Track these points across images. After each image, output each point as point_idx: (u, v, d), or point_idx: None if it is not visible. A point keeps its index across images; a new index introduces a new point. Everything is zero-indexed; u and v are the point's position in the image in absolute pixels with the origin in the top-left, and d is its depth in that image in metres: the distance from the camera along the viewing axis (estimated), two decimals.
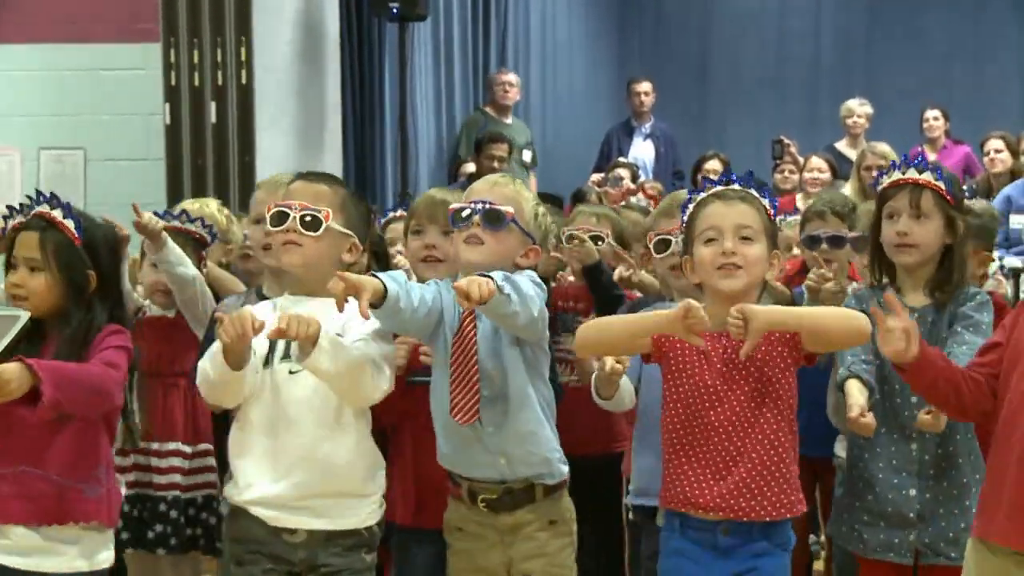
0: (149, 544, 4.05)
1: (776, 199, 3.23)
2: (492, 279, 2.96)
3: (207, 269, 4.20)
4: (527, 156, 9.48)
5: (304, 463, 3.17)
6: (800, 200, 7.60)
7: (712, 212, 3.10)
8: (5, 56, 7.19)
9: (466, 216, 3.24)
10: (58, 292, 3.19)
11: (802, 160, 8.66)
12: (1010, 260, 6.74)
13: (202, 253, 4.20)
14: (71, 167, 7.12)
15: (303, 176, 3.39)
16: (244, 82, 6.88)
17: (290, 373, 3.20)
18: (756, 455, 2.99)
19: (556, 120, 11.97)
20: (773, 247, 3.12)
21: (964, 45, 13.05)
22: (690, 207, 3.17)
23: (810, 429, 3.34)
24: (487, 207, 3.23)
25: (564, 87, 12.44)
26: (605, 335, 3.11)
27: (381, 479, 3.31)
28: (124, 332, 3.26)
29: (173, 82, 6.88)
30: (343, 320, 3.18)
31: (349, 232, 3.28)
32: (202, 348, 3.46)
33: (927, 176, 3.39)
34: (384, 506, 3.32)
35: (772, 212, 3.16)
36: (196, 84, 6.88)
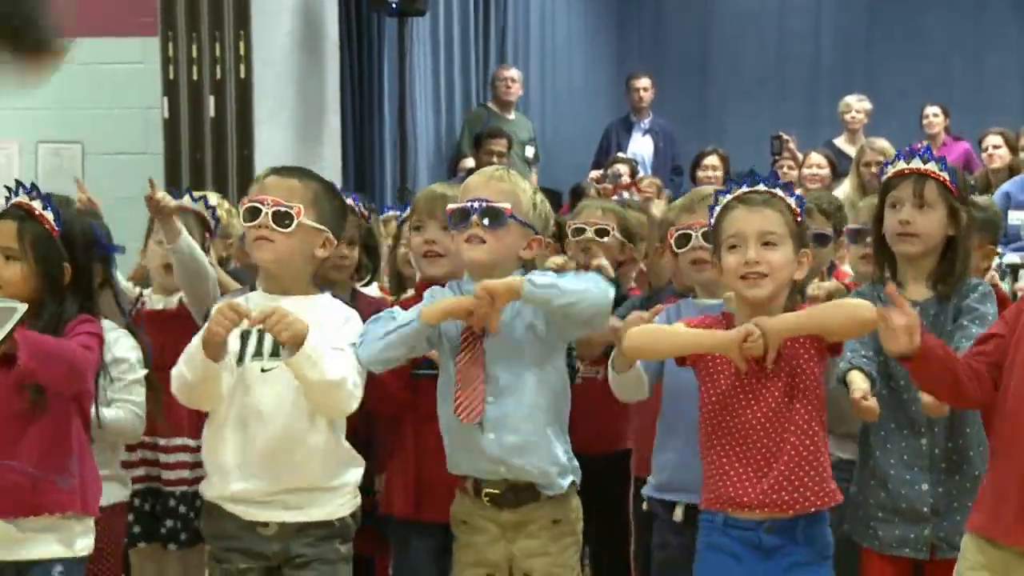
0: (161, 539, 4.05)
1: (804, 197, 3.21)
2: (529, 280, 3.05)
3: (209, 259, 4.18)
4: (529, 152, 9.48)
5: (274, 461, 3.18)
6: None
7: (736, 218, 3.10)
8: None
9: (465, 216, 3.24)
10: (33, 283, 3.18)
11: (801, 156, 8.66)
12: (1008, 256, 6.72)
13: (205, 235, 4.17)
14: (69, 160, 7.09)
15: (276, 171, 3.36)
16: (243, 76, 6.86)
17: (262, 371, 3.21)
18: (793, 448, 3.00)
19: (555, 115, 11.95)
20: (801, 247, 3.11)
21: (964, 44, 13.04)
22: (717, 209, 3.16)
23: None
24: (484, 206, 3.22)
25: (563, 83, 12.42)
26: (658, 345, 3.13)
27: (355, 473, 3.31)
28: (94, 320, 3.27)
29: (171, 76, 6.86)
30: (320, 323, 3.18)
31: (322, 227, 3.27)
32: None
33: (932, 166, 3.38)
34: (359, 497, 3.32)
35: (800, 211, 3.13)
36: (194, 78, 6.86)
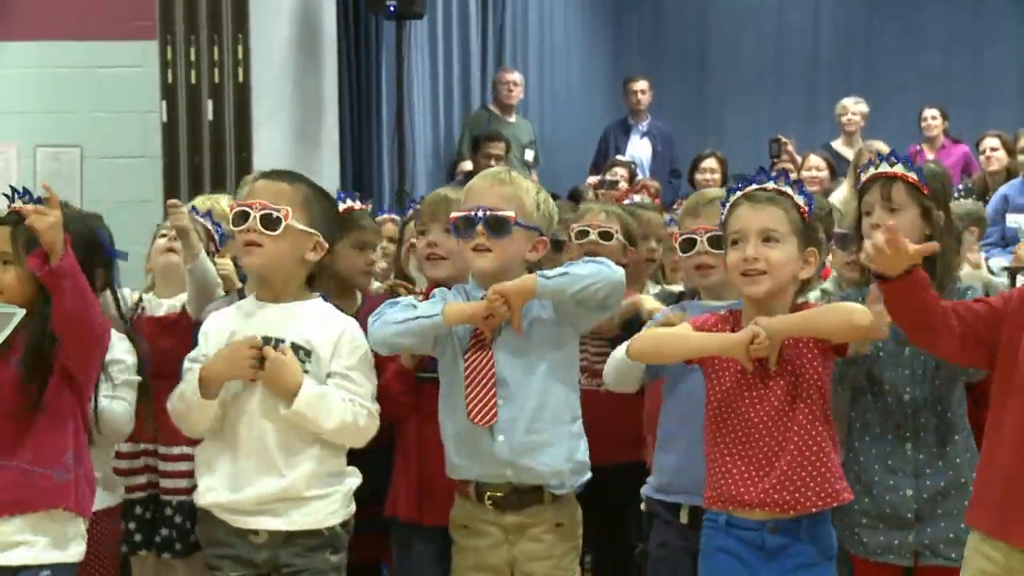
0: (156, 547, 4.03)
1: (813, 196, 3.20)
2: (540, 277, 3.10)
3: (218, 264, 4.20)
4: (529, 155, 9.48)
5: (263, 474, 3.19)
6: None
7: (740, 215, 3.11)
8: (2, 53, 7.17)
9: (470, 224, 3.23)
10: (30, 286, 3.17)
11: (799, 159, 8.66)
12: (1006, 259, 6.71)
13: (211, 247, 4.17)
14: (67, 164, 7.08)
15: (266, 175, 3.36)
16: (241, 80, 6.85)
17: (252, 380, 3.21)
18: (795, 448, 3.00)
19: (553, 117, 11.94)
20: (808, 245, 3.10)
21: (962, 39, 13.03)
22: (726, 207, 3.17)
23: None
24: (488, 215, 3.22)
25: (562, 83, 12.41)
26: (663, 350, 3.15)
27: (349, 483, 3.30)
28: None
29: (170, 79, 6.85)
30: (315, 333, 3.21)
31: (312, 230, 3.25)
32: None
33: (899, 168, 3.36)
34: (352, 506, 3.32)
35: (808, 210, 3.13)
36: (193, 81, 6.86)
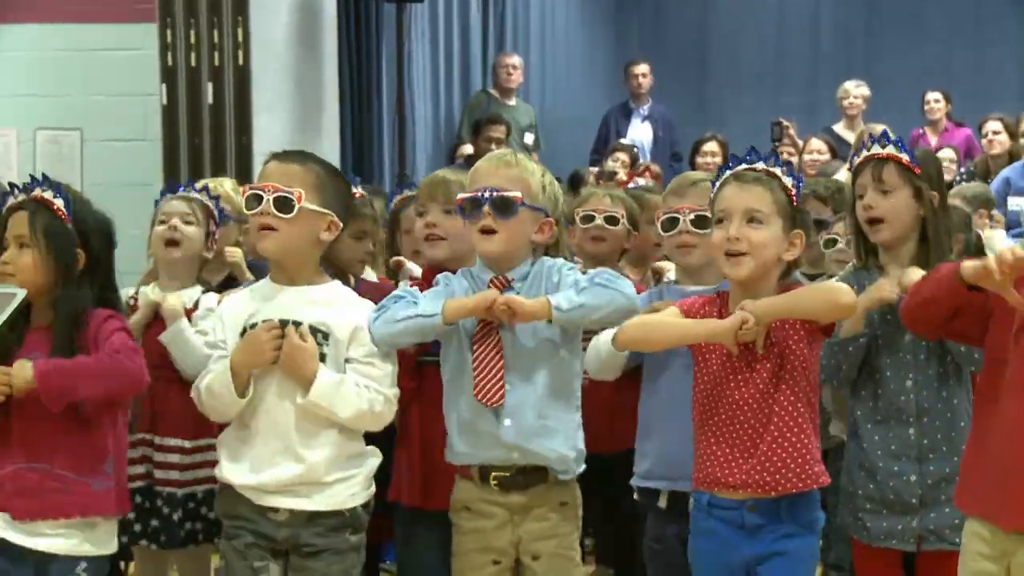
0: (147, 536, 3.99)
1: (802, 179, 3.19)
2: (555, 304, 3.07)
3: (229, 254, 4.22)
4: (529, 139, 9.46)
5: (283, 458, 3.18)
6: None
7: (726, 194, 3.10)
8: (2, 36, 7.15)
9: (476, 206, 3.21)
10: (45, 269, 3.19)
11: (801, 142, 8.65)
12: (1010, 242, 6.71)
13: (211, 225, 4.14)
14: (68, 147, 7.09)
15: (277, 156, 3.31)
16: (241, 63, 6.85)
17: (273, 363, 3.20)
18: (776, 430, 3.01)
19: (554, 102, 11.92)
20: (793, 227, 3.09)
21: (963, 33, 13.00)
22: (716, 185, 3.16)
23: None
24: (495, 196, 3.19)
25: (562, 69, 12.38)
26: (651, 336, 3.15)
27: (370, 464, 3.29)
28: (120, 316, 3.29)
29: (170, 62, 6.86)
30: (332, 316, 3.20)
31: (326, 211, 3.23)
32: None
33: (889, 149, 3.35)
34: (372, 487, 3.31)
35: (795, 192, 3.12)
36: (193, 64, 6.86)
